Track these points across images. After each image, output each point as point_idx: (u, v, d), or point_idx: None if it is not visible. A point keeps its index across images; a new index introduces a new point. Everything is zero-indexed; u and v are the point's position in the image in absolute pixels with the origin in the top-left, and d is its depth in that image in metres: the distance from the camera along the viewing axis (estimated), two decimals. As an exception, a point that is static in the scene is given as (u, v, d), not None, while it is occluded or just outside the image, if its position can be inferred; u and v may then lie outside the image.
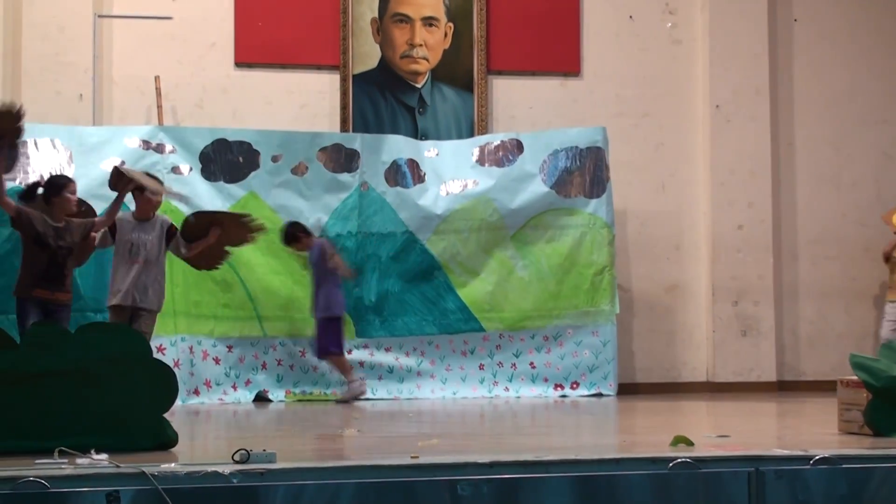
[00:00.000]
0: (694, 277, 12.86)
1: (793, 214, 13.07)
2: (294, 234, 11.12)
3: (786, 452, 5.24)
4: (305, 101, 12.53)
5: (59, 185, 9.04)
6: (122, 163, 10.69)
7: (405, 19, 12.79)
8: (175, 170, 11.20)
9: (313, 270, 11.03)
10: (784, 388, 12.16)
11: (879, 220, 12.70)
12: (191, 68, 12.30)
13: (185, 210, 10.98)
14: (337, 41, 12.61)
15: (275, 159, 11.52)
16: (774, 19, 13.23)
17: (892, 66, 13.47)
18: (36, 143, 10.86)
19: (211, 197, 11.24)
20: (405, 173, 11.84)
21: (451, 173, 11.95)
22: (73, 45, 11.95)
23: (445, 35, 12.84)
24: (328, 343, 10.96)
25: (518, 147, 12.04)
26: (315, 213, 11.49)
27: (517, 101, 12.88)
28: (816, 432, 7.05)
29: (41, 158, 10.88)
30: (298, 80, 12.54)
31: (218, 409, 10.31)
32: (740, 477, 5.00)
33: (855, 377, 6.62)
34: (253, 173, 11.47)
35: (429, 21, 12.82)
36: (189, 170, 11.26)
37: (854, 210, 13.19)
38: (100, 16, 11.98)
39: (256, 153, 11.49)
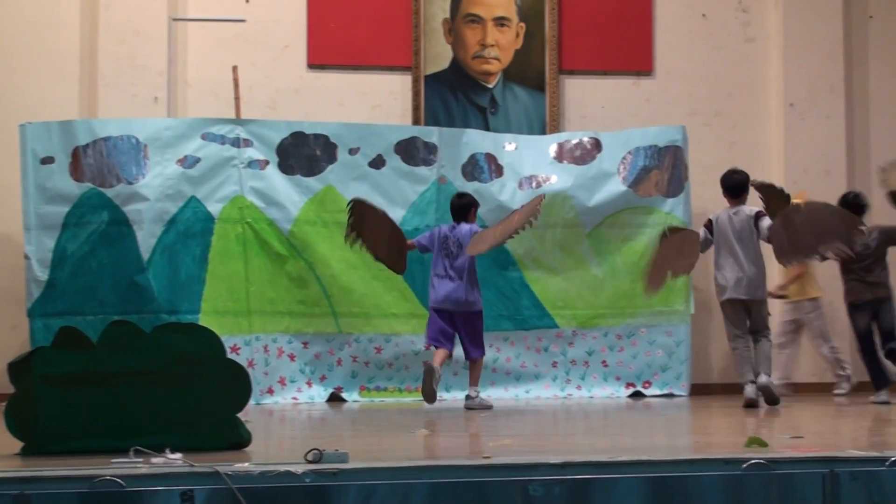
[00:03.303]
0: (769, 277, 12.70)
1: (868, 214, 12.90)
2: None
3: (861, 453, 5.18)
4: (378, 102, 12.57)
5: None
6: None
7: (477, 20, 12.79)
8: (252, 164, 11.24)
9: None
10: (860, 388, 12.00)
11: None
12: (264, 70, 12.39)
13: (261, 205, 11.07)
14: (409, 42, 12.65)
15: (352, 152, 11.53)
16: (849, 16, 13.11)
17: (970, 63, 13.31)
18: (113, 140, 10.98)
19: (288, 191, 11.28)
20: (482, 167, 11.81)
21: (529, 168, 11.92)
22: (148, 48, 12.06)
23: (517, 35, 12.83)
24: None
25: (597, 146, 12.00)
26: (393, 206, 11.45)
27: (589, 100, 12.85)
28: (893, 433, 7.00)
29: (117, 153, 10.98)
30: (371, 82, 12.59)
31: (291, 409, 10.38)
32: (815, 478, 4.95)
33: (932, 378, 6.58)
34: (330, 167, 11.46)
35: (500, 21, 12.82)
36: (266, 164, 11.28)
37: (930, 210, 13.02)
38: (174, 19, 12.08)
39: (334, 146, 11.49)
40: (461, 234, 10.17)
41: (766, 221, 9.85)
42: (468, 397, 10.11)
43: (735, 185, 10.20)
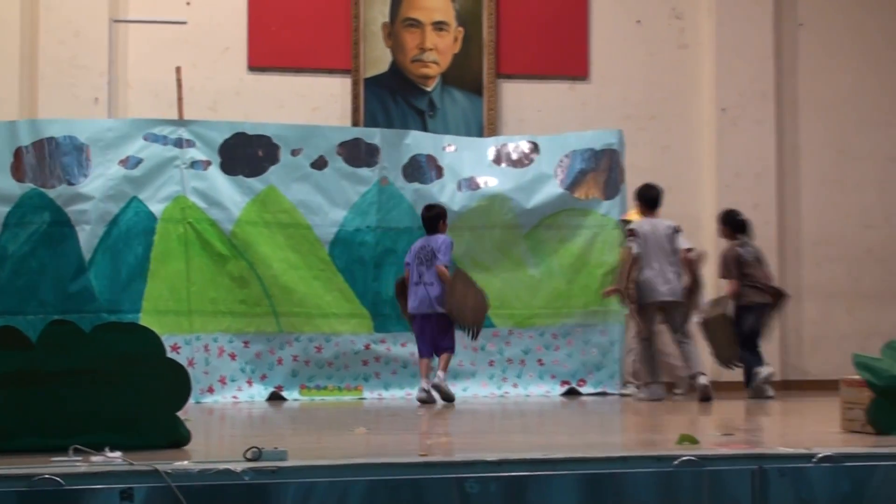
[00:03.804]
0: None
1: (797, 216, 13.15)
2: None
3: (789, 451, 5.28)
4: (317, 105, 12.62)
5: None
6: None
7: (416, 24, 12.87)
8: (195, 164, 11.21)
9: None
10: (788, 387, 12.21)
11: (883, 221, 12.85)
12: (205, 72, 12.40)
13: (203, 205, 11.07)
14: (349, 45, 12.71)
15: (295, 153, 11.53)
16: (780, 24, 13.30)
17: (897, 70, 13.58)
18: (55, 140, 10.91)
19: (230, 192, 11.25)
20: (424, 169, 11.85)
21: (468, 170, 11.98)
22: (89, 49, 12.05)
23: (455, 39, 12.93)
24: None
25: (534, 149, 12.10)
26: (334, 207, 11.50)
27: (526, 104, 12.97)
28: (820, 431, 7.09)
29: (59, 154, 10.91)
30: (310, 84, 12.64)
31: (231, 408, 10.39)
32: (744, 475, 5.04)
33: (858, 376, 6.67)
34: (272, 167, 11.40)
35: (439, 25, 12.91)
36: (209, 164, 11.22)
37: (858, 212, 13.27)
38: (115, 20, 12.07)
39: (276, 147, 11.42)
40: (436, 245, 10.68)
41: (682, 238, 11.04)
42: (436, 381, 10.50)
43: (653, 199, 11.19)
